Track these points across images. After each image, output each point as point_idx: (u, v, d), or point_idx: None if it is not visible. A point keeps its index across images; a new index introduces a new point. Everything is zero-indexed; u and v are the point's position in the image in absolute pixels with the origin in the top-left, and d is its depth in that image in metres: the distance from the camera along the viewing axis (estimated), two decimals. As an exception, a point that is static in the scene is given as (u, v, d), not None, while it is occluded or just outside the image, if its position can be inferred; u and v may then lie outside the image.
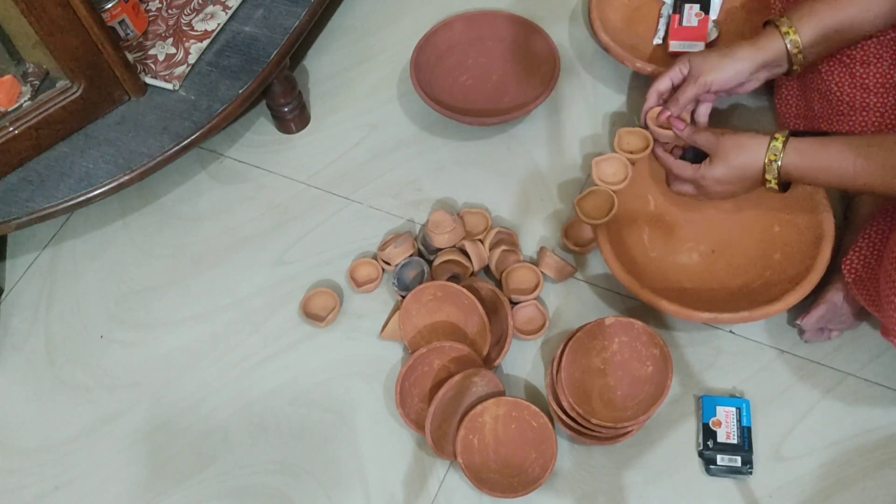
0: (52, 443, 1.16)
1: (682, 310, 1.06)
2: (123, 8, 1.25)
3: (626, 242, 1.15)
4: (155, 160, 1.19)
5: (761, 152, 0.97)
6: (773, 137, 0.97)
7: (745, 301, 1.07)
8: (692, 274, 1.15)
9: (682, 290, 1.12)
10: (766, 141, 0.98)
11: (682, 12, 1.34)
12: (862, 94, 1.09)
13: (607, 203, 1.10)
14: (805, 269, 1.07)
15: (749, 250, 1.15)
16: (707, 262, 1.16)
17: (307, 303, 1.22)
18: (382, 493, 1.08)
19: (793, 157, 0.96)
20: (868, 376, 1.09)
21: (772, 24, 1.03)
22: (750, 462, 1.04)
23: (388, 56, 1.46)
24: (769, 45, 1.03)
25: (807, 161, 0.95)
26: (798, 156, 0.96)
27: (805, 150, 0.96)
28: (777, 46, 1.02)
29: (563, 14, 1.47)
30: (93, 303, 1.28)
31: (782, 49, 1.02)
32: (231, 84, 1.24)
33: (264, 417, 1.15)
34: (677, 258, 1.16)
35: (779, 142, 0.96)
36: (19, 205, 1.17)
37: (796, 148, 0.96)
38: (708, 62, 1.04)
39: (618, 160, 1.13)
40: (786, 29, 1.01)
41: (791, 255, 1.11)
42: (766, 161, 0.97)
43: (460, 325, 1.15)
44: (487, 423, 1.07)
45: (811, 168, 0.96)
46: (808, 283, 1.05)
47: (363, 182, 1.34)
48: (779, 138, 0.97)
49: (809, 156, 0.95)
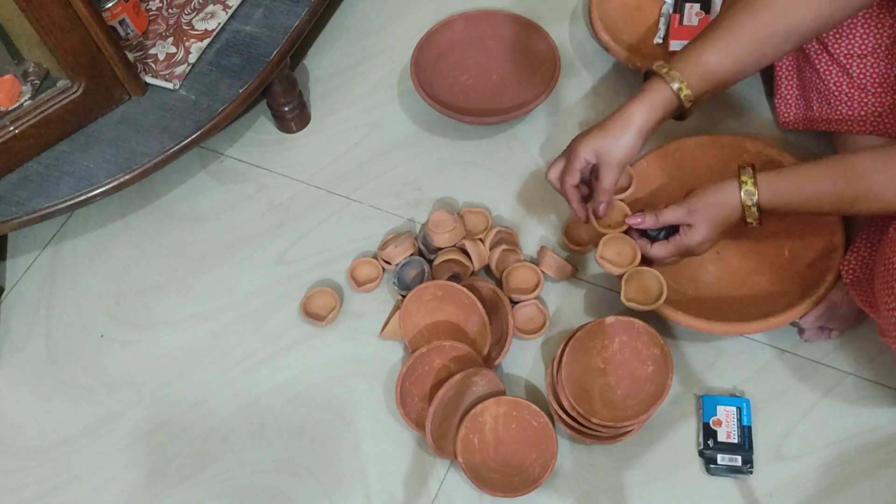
0: (53, 442, 1.16)
1: (703, 322, 1.06)
2: (124, 7, 1.25)
3: None
4: (155, 159, 1.19)
5: (735, 199, 0.98)
6: (742, 181, 0.98)
7: (758, 308, 1.08)
8: (699, 283, 1.15)
9: (696, 301, 1.12)
10: (736, 186, 0.98)
11: (682, 12, 1.34)
12: (860, 95, 1.09)
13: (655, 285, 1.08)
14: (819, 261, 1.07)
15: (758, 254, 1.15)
16: (715, 269, 1.16)
17: (307, 302, 1.22)
18: (383, 493, 1.08)
19: (768, 195, 0.97)
20: (868, 376, 1.09)
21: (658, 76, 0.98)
22: (750, 461, 1.03)
23: (389, 55, 1.46)
24: (662, 101, 0.98)
25: (783, 190, 0.97)
26: (771, 192, 0.97)
27: (776, 184, 0.97)
28: (670, 101, 0.98)
29: (563, 13, 1.47)
30: (93, 302, 1.27)
31: (675, 102, 0.98)
32: (231, 83, 1.24)
33: (264, 417, 1.15)
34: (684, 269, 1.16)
35: (749, 184, 0.97)
36: (19, 204, 1.17)
37: (767, 184, 0.97)
38: (611, 142, 0.99)
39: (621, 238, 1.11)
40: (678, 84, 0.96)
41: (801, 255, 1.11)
42: (742, 205, 0.98)
43: (461, 325, 1.15)
44: (488, 423, 1.07)
45: (789, 194, 0.97)
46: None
47: (363, 181, 1.34)
48: (747, 181, 0.98)
49: (783, 187, 0.97)
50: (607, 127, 1.00)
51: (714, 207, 1.00)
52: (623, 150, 0.99)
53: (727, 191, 0.99)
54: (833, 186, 0.94)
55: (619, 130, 0.99)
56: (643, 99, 0.99)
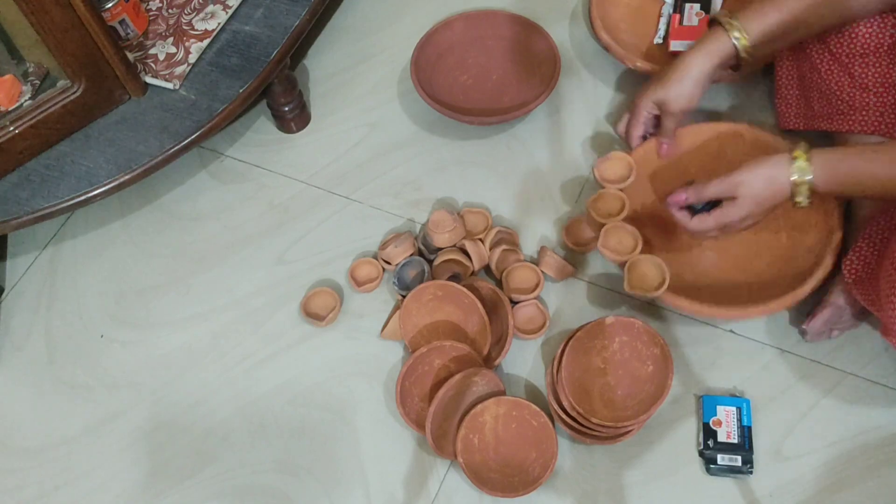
0: (53, 442, 1.16)
1: (705, 307, 1.06)
2: (124, 7, 1.25)
3: None
4: (155, 159, 1.19)
5: (787, 176, 0.94)
6: (794, 157, 0.94)
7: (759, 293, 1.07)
8: (697, 269, 1.15)
9: (695, 288, 1.12)
10: (787, 163, 0.95)
11: (682, 12, 1.34)
12: (861, 94, 1.09)
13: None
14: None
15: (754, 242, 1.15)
16: (714, 254, 1.16)
17: (307, 302, 1.22)
18: (383, 493, 1.08)
19: (821, 173, 0.93)
20: (868, 376, 1.09)
21: (718, 23, 1.05)
22: (750, 461, 1.03)
23: (389, 55, 1.46)
24: (719, 50, 1.05)
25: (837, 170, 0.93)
26: (825, 170, 0.93)
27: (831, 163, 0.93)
28: (727, 49, 1.05)
29: (563, 13, 1.47)
30: (93, 302, 1.28)
31: (732, 51, 1.05)
32: (231, 83, 1.24)
33: (264, 417, 1.15)
34: (682, 255, 1.16)
35: (802, 159, 0.94)
36: (19, 204, 1.17)
37: (822, 162, 0.93)
38: (673, 91, 1.08)
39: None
40: (737, 34, 1.03)
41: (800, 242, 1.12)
42: (792, 183, 0.94)
43: (461, 325, 1.15)
44: (488, 423, 1.07)
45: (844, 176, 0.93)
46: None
47: (363, 181, 1.34)
48: (799, 156, 0.94)
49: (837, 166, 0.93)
50: (665, 78, 1.09)
51: (762, 181, 0.96)
52: (681, 99, 1.08)
53: (778, 166, 0.95)
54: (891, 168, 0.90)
55: (675, 81, 1.08)
56: (700, 48, 1.06)
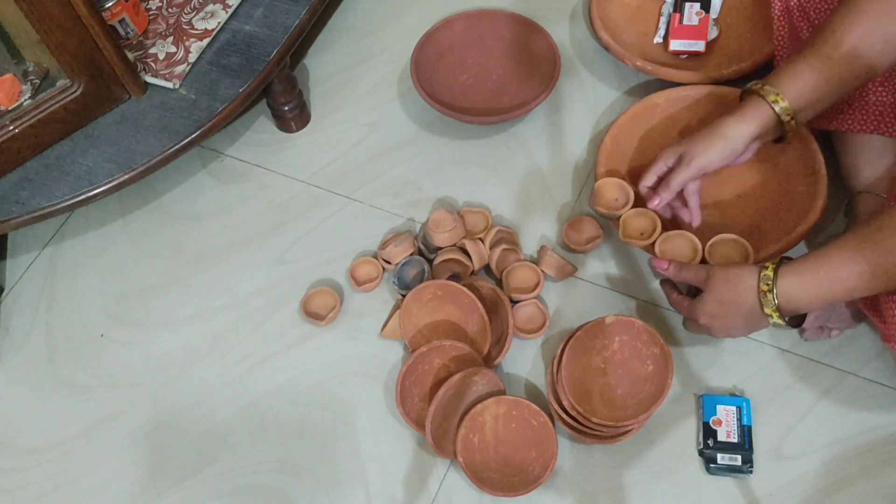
0: (53, 442, 1.16)
1: None
2: (123, 7, 1.25)
3: None
4: (155, 159, 1.19)
5: (752, 283, 0.91)
6: (764, 266, 0.91)
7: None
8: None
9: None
10: (756, 271, 0.91)
11: (682, 11, 1.34)
12: (861, 92, 1.09)
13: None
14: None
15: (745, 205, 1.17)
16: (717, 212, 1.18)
17: (307, 302, 1.22)
18: (383, 492, 1.08)
19: (790, 282, 0.88)
20: (868, 376, 1.09)
21: (754, 92, 0.97)
22: (750, 461, 1.03)
23: (389, 55, 1.46)
24: (757, 115, 0.97)
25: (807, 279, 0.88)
26: (795, 277, 0.88)
27: (800, 269, 0.88)
28: (766, 115, 0.97)
29: (563, 13, 1.47)
30: (93, 302, 1.27)
31: (772, 117, 0.97)
32: (231, 83, 1.24)
33: (264, 417, 1.15)
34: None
35: (769, 269, 0.90)
36: (19, 204, 1.17)
37: (791, 270, 0.89)
38: (699, 144, 1.00)
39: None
40: (773, 97, 0.96)
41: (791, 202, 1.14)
42: (758, 292, 0.91)
43: (460, 324, 1.15)
44: (488, 422, 1.07)
45: (816, 285, 0.88)
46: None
47: (363, 181, 1.34)
48: (769, 266, 0.90)
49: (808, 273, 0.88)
50: (695, 134, 1.01)
51: (726, 283, 0.94)
52: (703, 153, 0.99)
53: (746, 271, 0.92)
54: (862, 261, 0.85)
55: (706, 133, 1.00)
56: (738, 113, 0.98)
